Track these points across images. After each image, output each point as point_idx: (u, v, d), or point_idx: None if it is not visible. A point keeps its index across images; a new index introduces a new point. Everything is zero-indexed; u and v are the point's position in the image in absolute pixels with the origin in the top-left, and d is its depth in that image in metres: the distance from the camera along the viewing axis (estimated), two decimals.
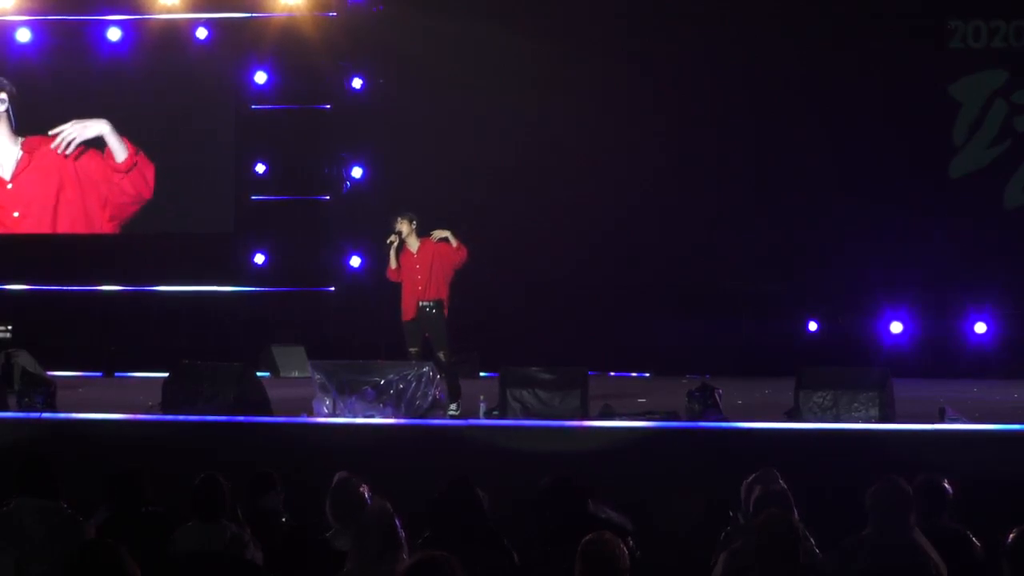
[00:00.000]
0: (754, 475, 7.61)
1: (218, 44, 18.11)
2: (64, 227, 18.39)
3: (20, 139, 18.41)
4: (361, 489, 7.28)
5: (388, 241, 13.51)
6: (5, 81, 18.35)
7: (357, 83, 17.85)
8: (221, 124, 18.24)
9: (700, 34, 16.98)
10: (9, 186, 18.45)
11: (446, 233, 13.60)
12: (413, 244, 13.55)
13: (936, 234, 16.61)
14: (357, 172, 17.92)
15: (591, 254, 17.08)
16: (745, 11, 16.85)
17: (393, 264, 13.50)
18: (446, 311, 13.53)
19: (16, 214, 18.43)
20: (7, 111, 18.36)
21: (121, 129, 18.23)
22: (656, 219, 17.02)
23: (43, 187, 18.38)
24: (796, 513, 7.03)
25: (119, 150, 18.18)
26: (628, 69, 17.06)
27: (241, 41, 18.05)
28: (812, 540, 6.98)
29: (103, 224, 18.36)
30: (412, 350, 13.43)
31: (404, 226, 13.53)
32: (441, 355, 13.35)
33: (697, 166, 17.01)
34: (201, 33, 18.05)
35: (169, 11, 17.85)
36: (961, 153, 16.98)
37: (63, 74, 18.28)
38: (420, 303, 13.44)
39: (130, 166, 18.19)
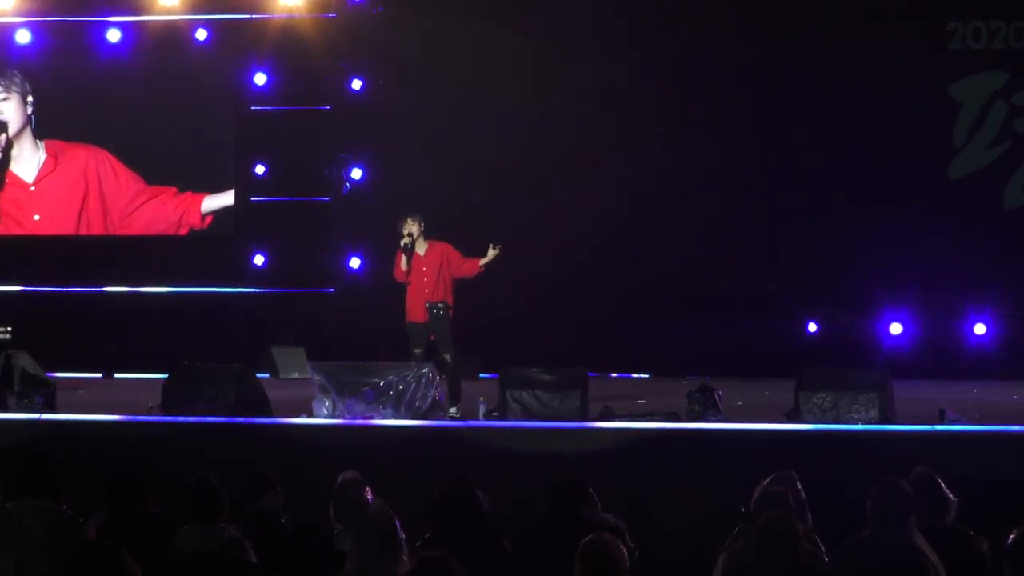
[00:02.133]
0: (771, 477, 7.57)
1: (218, 45, 18.10)
2: (86, 232, 18.44)
3: (41, 142, 18.42)
4: (364, 490, 7.29)
5: (403, 243, 13.41)
6: (27, 84, 18.36)
7: (357, 84, 17.84)
8: (221, 125, 18.24)
9: (700, 34, 16.98)
10: (32, 188, 18.46)
11: (490, 258, 13.56)
12: (421, 246, 13.50)
13: (936, 235, 16.61)
14: (357, 173, 17.91)
15: (591, 254, 17.08)
16: (745, 11, 16.85)
17: (404, 266, 13.43)
18: (451, 313, 13.53)
19: (37, 217, 18.43)
20: (31, 114, 18.38)
21: (121, 130, 18.21)
22: (656, 219, 17.03)
23: (69, 192, 18.37)
24: (798, 514, 7.02)
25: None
26: (628, 69, 17.06)
27: (241, 42, 18.04)
28: (822, 547, 6.96)
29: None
30: (416, 351, 13.39)
31: (415, 227, 13.44)
32: (447, 357, 13.34)
33: (697, 166, 17.01)
34: (201, 34, 18.04)
35: (169, 12, 17.84)
36: (961, 154, 16.98)
37: (63, 75, 18.28)
38: (429, 304, 13.40)
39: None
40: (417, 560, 5.43)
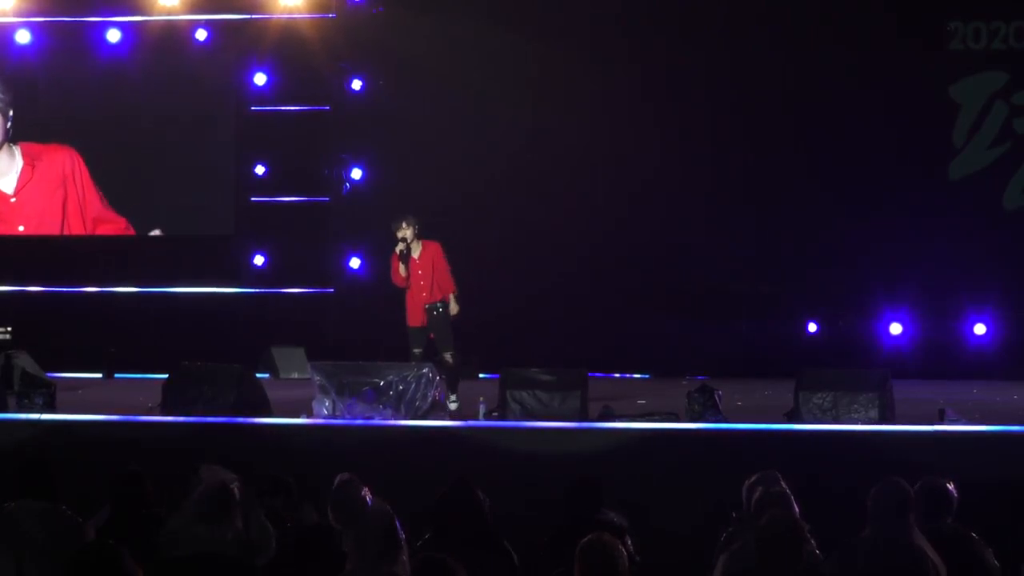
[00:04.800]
0: (756, 476, 7.62)
1: (218, 45, 18.09)
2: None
3: (16, 147, 18.36)
4: (362, 491, 7.28)
5: (398, 250, 13.40)
6: (9, 93, 18.28)
7: (357, 84, 17.83)
8: (221, 125, 18.24)
9: (700, 35, 16.97)
10: (13, 199, 18.37)
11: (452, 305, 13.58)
12: (416, 248, 13.51)
13: (936, 236, 16.61)
14: (357, 173, 17.91)
15: (591, 255, 17.07)
16: (744, 12, 16.86)
17: (403, 272, 13.43)
18: (455, 307, 13.50)
19: (21, 228, 18.37)
20: (9, 126, 18.32)
21: (121, 130, 18.20)
22: (656, 219, 17.02)
23: (49, 198, 18.29)
24: (797, 512, 7.03)
25: None
26: (628, 70, 17.05)
27: (241, 42, 18.04)
28: (813, 542, 6.98)
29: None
30: (416, 351, 13.38)
31: (408, 231, 13.44)
32: (447, 356, 13.34)
33: (697, 166, 17.00)
34: (200, 34, 18.03)
35: (169, 12, 17.82)
36: (961, 155, 16.97)
37: (63, 75, 18.27)
38: (426, 307, 13.41)
39: None
40: (420, 561, 5.43)
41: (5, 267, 18.27)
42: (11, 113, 18.30)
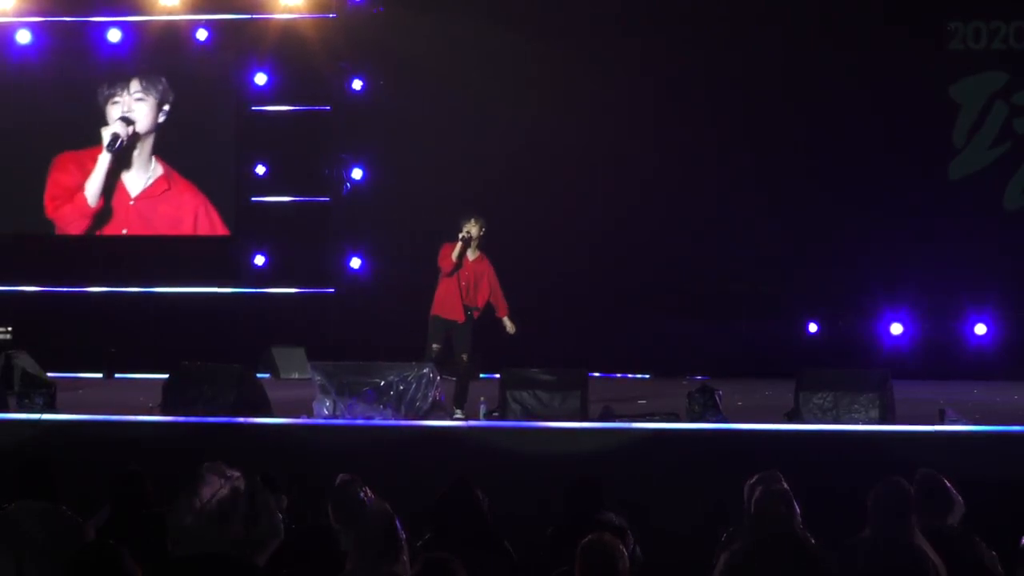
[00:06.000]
0: (756, 476, 7.61)
1: (218, 45, 18.10)
2: None
3: (155, 159, 18.23)
4: (362, 491, 7.28)
5: (462, 237, 13.27)
6: (170, 94, 18.21)
7: (357, 84, 17.84)
8: (221, 125, 18.24)
9: (700, 35, 16.98)
10: (131, 203, 18.30)
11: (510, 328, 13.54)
12: (474, 251, 13.38)
13: (936, 236, 16.62)
14: (357, 173, 17.91)
15: (591, 254, 17.08)
16: (745, 12, 16.86)
17: (455, 257, 13.25)
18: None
19: (125, 231, 18.31)
20: (160, 124, 18.23)
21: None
22: (656, 220, 17.03)
23: (166, 223, 18.27)
24: (798, 512, 7.04)
25: None
26: (628, 69, 17.06)
27: (241, 42, 18.05)
28: (813, 542, 6.98)
29: None
30: (435, 346, 13.25)
31: (475, 229, 13.32)
32: (464, 357, 13.30)
33: (697, 167, 17.01)
34: (201, 34, 18.05)
35: (169, 12, 17.84)
36: (961, 155, 16.98)
37: (63, 75, 18.26)
38: (465, 305, 13.29)
39: None
40: (422, 562, 5.43)
41: (5, 266, 18.22)
42: (166, 108, 18.21)
